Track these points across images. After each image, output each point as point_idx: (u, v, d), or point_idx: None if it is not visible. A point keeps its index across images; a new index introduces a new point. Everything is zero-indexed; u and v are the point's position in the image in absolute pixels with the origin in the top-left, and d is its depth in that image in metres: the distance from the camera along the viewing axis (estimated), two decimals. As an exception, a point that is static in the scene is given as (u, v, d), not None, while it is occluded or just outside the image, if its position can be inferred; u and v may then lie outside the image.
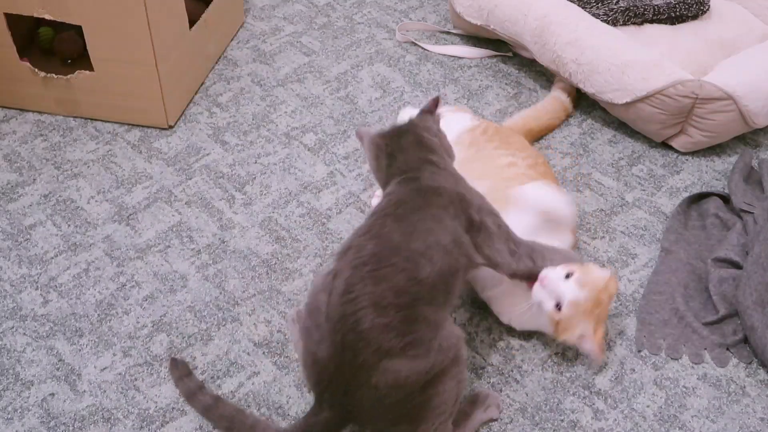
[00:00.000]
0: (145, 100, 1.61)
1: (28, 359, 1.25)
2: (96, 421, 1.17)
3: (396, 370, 0.99)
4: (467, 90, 1.79)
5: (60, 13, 1.50)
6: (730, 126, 1.58)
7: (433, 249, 1.04)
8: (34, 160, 1.58)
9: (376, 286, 1.01)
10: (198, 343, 1.28)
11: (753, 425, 1.19)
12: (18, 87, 1.64)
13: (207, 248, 1.43)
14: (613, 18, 1.76)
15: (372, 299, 1.00)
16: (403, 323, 1.00)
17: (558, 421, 1.19)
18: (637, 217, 1.51)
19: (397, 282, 1.01)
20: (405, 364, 0.99)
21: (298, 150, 1.63)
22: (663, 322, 1.32)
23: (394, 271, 1.02)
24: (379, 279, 1.01)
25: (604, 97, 1.62)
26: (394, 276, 1.02)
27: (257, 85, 1.78)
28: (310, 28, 1.96)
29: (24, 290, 1.35)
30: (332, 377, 1.02)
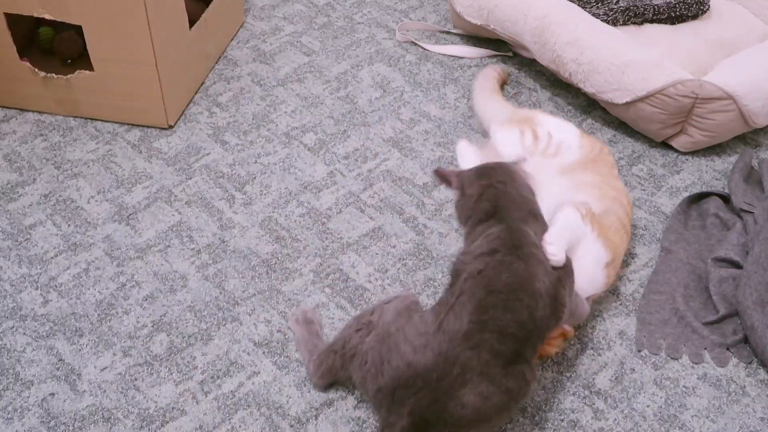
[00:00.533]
0: (145, 100, 1.61)
1: (28, 359, 1.25)
2: (96, 420, 1.17)
3: (488, 396, 1.04)
4: (467, 90, 1.79)
5: (60, 13, 1.50)
6: (730, 126, 1.58)
7: (544, 295, 1.09)
8: (34, 160, 1.58)
9: (504, 314, 1.05)
10: (198, 343, 1.28)
11: (753, 425, 1.19)
12: (18, 87, 1.64)
13: (207, 248, 1.43)
14: (613, 18, 1.76)
15: (499, 326, 1.05)
16: (513, 356, 1.05)
17: (558, 420, 1.19)
18: (637, 216, 1.51)
19: (521, 316, 1.06)
20: (497, 395, 1.04)
21: (298, 150, 1.63)
22: (663, 322, 1.32)
23: (521, 306, 1.06)
24: (508, 309, 1.06)
25: (604, 97, 1.62)
26: (520, 310, 1.06)
27: (257, 85, 1.78)
28: (310, 28, 1.96)
29: (24, 290, 1.35)
30: (427, 384, 1.05)
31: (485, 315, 1.05)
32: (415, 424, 1.06)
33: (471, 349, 1.04)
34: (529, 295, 1.07)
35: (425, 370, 1.05)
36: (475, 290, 1.07)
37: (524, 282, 1.08)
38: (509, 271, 1.08)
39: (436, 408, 1.04)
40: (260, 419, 1.18)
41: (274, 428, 1.17)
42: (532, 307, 1.07)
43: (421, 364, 1.05)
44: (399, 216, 1.49)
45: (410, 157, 1.61)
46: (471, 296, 1.07)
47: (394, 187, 1.55)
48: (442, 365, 1.04)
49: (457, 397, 1.04)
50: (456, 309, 1.07)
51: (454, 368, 1.04)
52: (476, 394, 1.03)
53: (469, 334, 1.04)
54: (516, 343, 1.05)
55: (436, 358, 1.05)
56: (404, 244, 1.44)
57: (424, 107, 1.74)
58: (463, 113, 1.72)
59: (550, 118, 1.48)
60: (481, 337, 1.04)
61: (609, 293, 1.37)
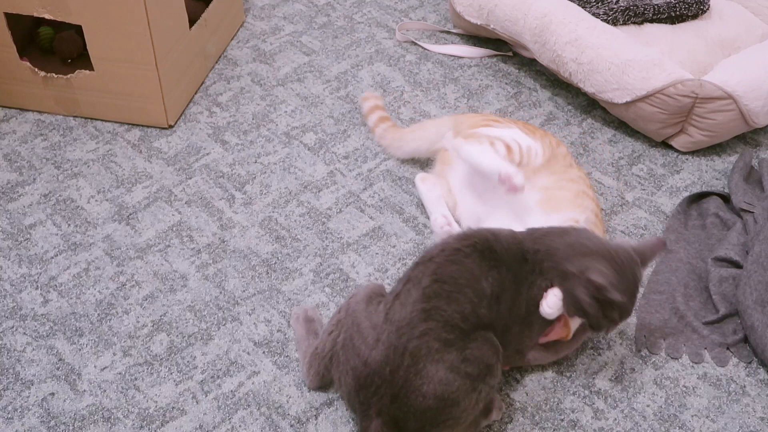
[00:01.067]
0: (145, 100, 1.61)
1: (28, 359, 1.25)
2: (96, 420, 1.17)
3: (447, 382, 1.03)
4: (467, 89, 1.79)
5: (60, 12, 1.50)
6: (730, 125, 1.58)
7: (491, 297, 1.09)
8: (34, 160, 1.58)
9: (449, 305, 1.05)
10: (198, 343, 1.28)
11: (753, 425, 1.19)
12: (18, 86, 1.64)
13: (207, 248, 1.43)
14: (613, 17, 1.76)
15: (443, 316, 1.05)
16: (464, 340, 1.05)
17: (558, 420, 1.19)
18: (637, 216, 1.51)
19: (464, 309, 1.06)
20: (458, 380, 1.03)
21: (298, 149, 1.63)
22: (663, 322, 1.32)
23: (464, 299, 1.06)
24: (452, 300, 1.06)
25: (604, 97, 1.62)
26: (463, 303, 1.06)
27: (257, 85, 1.78)
28: (310, 28, 1.96)
29: (24, 290, 1.35)
30: (384, 381, 1.04)
31: (429, 304, 1.05)
32: (387, 424, 1.05)
33: (418, 337, 1.03)
34: (474, 291, 1.07)
35: (379, 366, 1.04)
36: (422, 277, 1.07)
37: (471, 278, 1.07)
38: (459, 263, 1.08)
39: (399, 404, 1.04)
40: (260, 419, 1.18)
41: (274, 428, 1.17)
42: (476, 304, 1.06)
43: (376, 360, 1.05)
44: (399, 216, 1.49)
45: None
46: (416, 284, 1.07)
47: (394, 186, 1.55)
48: (392, 357, 1.03)
49: (416, 389, 1.03)
50: (402, 297, 1.07)
51: (405, 359, 1.03)
52: (435, 383, 1.02)
53: (412, 323, 1.04)
54: (463, 333, 1.05)
55: (387, 350, 1.04)
56: (404, 243, 1.44)
57: (424, 107, 1.74)
58: (463, 113, 1.72)
59: (494, 127, 1.44)
60: (426, 326, 1.04)
61: (609, 293, 1.37)
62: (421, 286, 1.07)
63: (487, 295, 1.08)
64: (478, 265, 1.09)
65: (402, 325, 1.04)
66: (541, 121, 1.71)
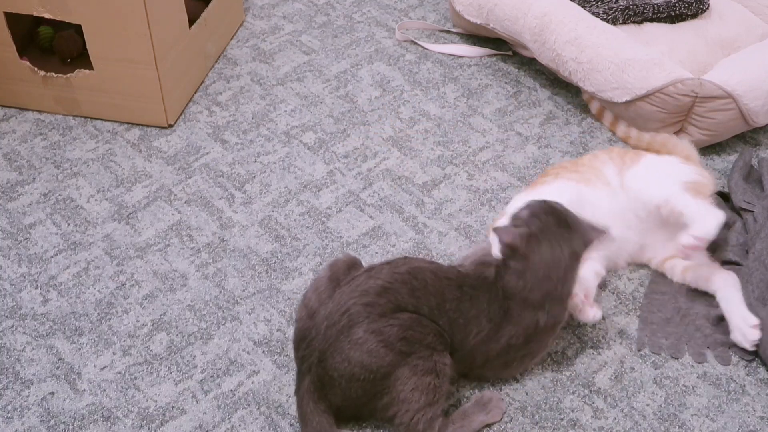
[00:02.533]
0: (145, 99, 1.61)
1: (28, 358, 1.25)
2: (96, 420, 1.17)
3: (378, 355, 1.06)
4: (467, 89, 1.79)
5: (59, 12, 1.50)
6: (730, 125, 1.58)
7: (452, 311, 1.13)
8: (34, 159, 1.58)
9: (409, 296, 1.10)
10: (198, 342, 1.28)
11: (753, 424, 1.19)
12: (18, 86, 1.64)
13: (207, 247, 1.43)
14: (612, 17, 1.76)
15: (398, 300, 1.09)
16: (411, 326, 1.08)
17: (558, 419, 1.19)
18: (637, 215, 1.51)
19: (419, 306, 1.10)
20: (389, 354, 1.06)
21: (297, 149, 1.63)
22: (665, 321, 1.32)
23: (424, 301, 1.11)
24: (413, 295, 1.11)
25: (603, 96, 1.62)
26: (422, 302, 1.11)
27: (257, 84, 1.78)
28: (309, 27, 1.96)
29: (24, 289, 1.35)
30: (318, 335, 1.09)
31: (391, 285, 1.09)
32: (314, 383, 1.10)
33: (363, 304, 1.07)
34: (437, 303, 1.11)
35: (320, 319, 1.09)
36: (400, 265, 1.13)
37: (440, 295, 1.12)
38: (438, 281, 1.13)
39: (325, 364, 1.08)
40: (260, 418, 1.18)
41: (274, 427, 1.17)
42: (432, 309, 1.10)
43: (321, 314, 1.10)
44: (398, 215, 1.49)
45: (410, 156, 1.61)
46: (392, 267, 1.12)
47: (394, 186, 1.55)
48: (333, 313, 1.08)
49: (343, 351, 1.06)
50: (372, 271, 1.12)
51: (342, 318, 1.07)
52: (362, 351, 1.06)
53: (368, 292, 1.08)
54: (414, 316, 1.08)
55: (333, 307, 1.09)
56: (404, 243, 1.44)
57: (423, 106, 1.74)
58: (463, 112, 1.72)
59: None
60: (378, 299, 1.08)
61: (609, 292, 1.37)
62: (393, 270, 1.11)
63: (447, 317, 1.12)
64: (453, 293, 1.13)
65: (356, 290, 1.09)
66: (540, 121, 1.71)
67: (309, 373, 1.10)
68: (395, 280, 1.10)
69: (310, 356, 1.09)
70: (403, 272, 1.11)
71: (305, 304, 1.14)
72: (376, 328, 1.06)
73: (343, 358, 1.06)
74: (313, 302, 1.13)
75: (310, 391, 1.10)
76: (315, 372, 1.09)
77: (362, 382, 1.07)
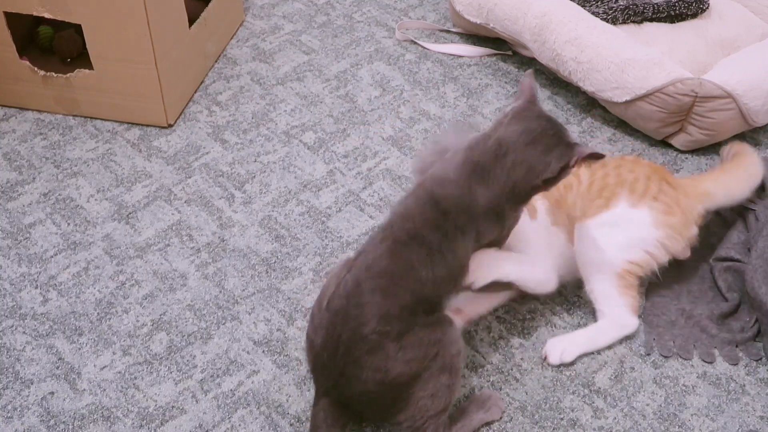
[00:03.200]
0: (145, 99, 1.61)
1: (28, 358, 1.25)
2: (96, 419, 1.17)
3: (386, 369, 1.03)
4: (467, 88, 1.79)
5: (59, 11, 1.50)
6: (730, 124, 1.58)
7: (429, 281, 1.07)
8: (34, 159, 1.58)
9: (385, 299, 1.04)
10: (198, 342, 1.28)
11: (752, 423, 1.19)
12: (17, 86, 1.64)
13: (206, 247, 1.43)
14: (612, 16, 1.76)
15: (379, 311, 1.04)
16: (403, 331, 1.04)
17: (558, 419, 1.19)
18: (637, 215, 1.51)
19: (403, 299, 1.05)
20: (397, 366, 1.04)
21: (297, 148, 1.63)
22: (670, 323, 1.32)
23: (403, 291, 1.05)
24: (388, 294, 1.05)
25: (603, 96, 1.62)
26: (403, 295, 1.05)
27: (257, 84, 1.78)
28: (309, 27, 1.96)
29: (24, 289, 1.35)
30: (325, 365, 1.07)
31: (362, 298, 1.04)
32: (333, 404, 1.09)
33: (352, 330, 1.04)
34: (414, 279, 1.05)
35: (320, 350, 1.07)
36: (358, 272, 1.07)
37: (408, 269, 1.06)
38: (395, 257, 1.06)
39: (341, 388, 1.06)
40: (260, 418, 1.18)
41: (274, 427, 1.17)
42: (417, 290, 1.05)
43: (317, 344, 1.07)
44: (398, 215, 1.49)
45: (410, 156, 1.61)
46: (354, 277, 1.06)
47: (394, 185, 1.55)
48: (329, 344, 1.06)
49: (354, 376, 1.04)
50: (340, 289, 1.07)
51: (339, 348, 1.04)
52: (372, 370, 1.03)
53: (347, 316, 1.04)
54: (403, 321, 1.04)
55: (325, 337, 1.06)
56: (404, 242, 1.44)
57: (423, 106, 1.74)
58: (463, 112, 1.72)
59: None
60: (359, 321, 1.03)
61: (608, 292, 1.37)
62: (357, 280, 1.06)
63: (428, 277, 1.06)
64: (416, 253, 1.06)
65: (336, 316, 1.05)
66: (540, 120, 1.71)
67: (327, 395, 1.08)
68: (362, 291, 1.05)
69: (326, 381, 1.08)
70: (365, 279, 1.05)
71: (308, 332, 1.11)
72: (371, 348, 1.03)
73: (356, 381, 1.04)
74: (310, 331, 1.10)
75: (328, 410, 1.08)
76: (334, 394, 1.07)
77: (379, 395, 1.05)
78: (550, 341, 1.26)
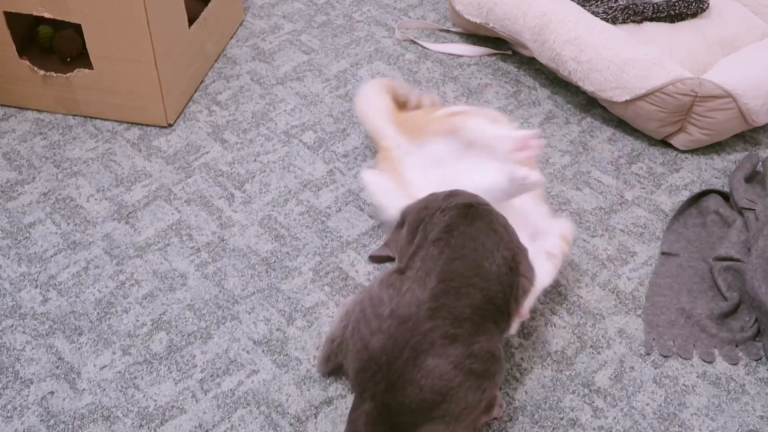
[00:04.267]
0: (145, 99, 1.61)
1: (28, 357, 1.25)
2: (95, 419, 1.17)
3: (449, 378, 1.03)
4: (466, 88, 1.79)
5: (59, 11, 1.50)
6: (730, 124, 1.58)
7: (501, 267, 1.10)
8: (34, 159, 1.58)
9: (458, 301, 1.05)
10: (197, 342, 1.28)
11: (752, 423, 1.19)
12: (17, 85, 1.64)
13: (206, 246, 1.43)
14: (612, 16, 1.76)
15: (452, 312, 1.05)
16: (472, 335, 1.05)
17: (557, 419, 1.19)
18: (637, 215, 1.51)
19: (474, 299, 1.06)
20: (460, 375, 1.03)
21: (297, 148, 1.63)
22: (670, 323, 1.32)
23: (474, 290, 1.07)
24: (461, 295, 1.06)
25: (603, 95, 1.62)
26: (474, 294, 1.06)
27: (257, 84, 1.78)
28: (309, 27, 1.96)
29: (23, 288, 1.35)
30: (381, 369, 1.05)
31: (437, 302, 1.05)
32: (378, 410, 1.06)
33: (422, 334, 1.03)
34: (482, 278, 1.08)
35: (377, 353, 1.05)
36: (426, 279, 1.07)
37: (476, 266, 1.08)
38: (461, 258, 1.08)
39: (395, 393, 1.04)
40: (260, 417, 1.18)
41: (274, 426, 1.17)
42: (486, 288, 1.07)
43: (375, 347, 1.06)
44: (398, 214, 1.49)
45: (410, 156, 1.61)
46: (421, 285, 1.07)
47: (394, 185, 1.55)
48: (390, 348, 1.04)
49: (414, 381, 1.03)
50: (407, 296, 1.06)
51: (404, 352, 1.03)
52: (435, 377, 1.02)
53: (419, 321, 1.04)
54: (473, 325, 1.05)
55: (386, 341, 1.05)
56: (404, 242, 1.44)
57: (423, 106, 1.74)
58: (463, 112, 1.72)
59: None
60: (433, 323, 1.04)
61: (609, 292, 1.37)
62: (427, 288, 1.06)
63: (494, 271, 1.09)
64: (480, 249, 1.10)
65: (406, 321, 1.04)
66: (540, 120, 1.71)
67: (373, 400, 1.06)
68: (436, 295, 1.06)
69: (375, 386, 1.06)
70: (436, 284, 1.06)
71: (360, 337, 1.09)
72: (442, 352, 1.03)
73: (414, 386, 1.03)
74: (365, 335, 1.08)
75: (371, 414, 1.07)
76: (381, 399, 1.05)
77: (431, 404, 1.04)
78: None
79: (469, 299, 1.06)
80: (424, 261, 1.10)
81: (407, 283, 1.08)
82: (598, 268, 1.41)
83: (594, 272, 1.40)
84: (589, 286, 1.38)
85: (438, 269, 1.08)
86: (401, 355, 1.03)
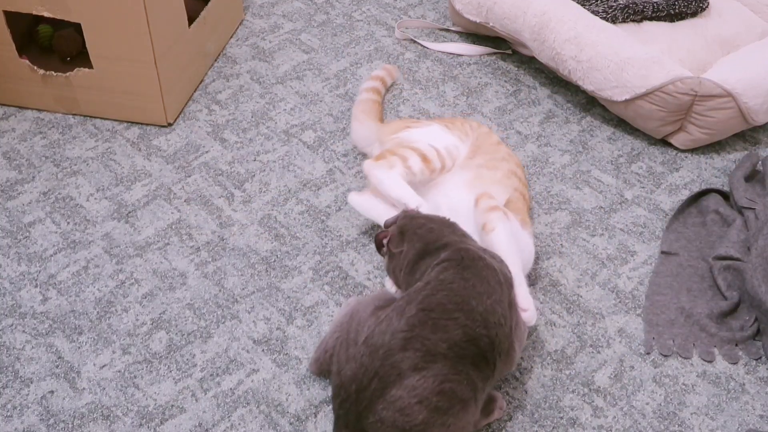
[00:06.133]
0: (144, 98, 1.61)
1: (28, 357, 1.25)
2: (95, 418, 1.18)
3: (412, 414, 1.00)
4: (466, 87, 1.79)
5: (59, 10, 1.50)
6: (730, 123, 1.58)
7: (490, 313, 1.05)
8: (34, 158, 1.58)
9: (434, 333, 1.02)
10: (197, 341, 1.28)
11: (752, 422, 1.19)
12: (17, 85, 1.64)
13: (206, 246, 1.43)
14: (612, 15, 1.76)
15: (427, 345, 1.01)
16: (445, 373, 1.01)
17: (557, 418, 1.19)
18: (637, 214, 1.51)
19: (452, 335, 1.02)
20: (422, 411, 1.00)
21: (297, 147, 1.63)
22: (670, 322, 1.32)
23: (454, 325, 1.03)
24: (438, 328, 1.02)
25: (603, 95, 1.62)
26: (453, 329, 1.03)
27: (256, 83, 1.78)
28: (309, 26, 1.96)
29: (23, 288, 1.35)
30: (349, 397, 1.04)
31: (411, 332, 1.02)
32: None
33: (391, 364, 1.01)
34: (466, 315, 1.03)
35: (348, 381, 1.04)
36: (406, 308, 1.04)
37: (461, 301, 1.04)
38: (447, 290, 1.05)
39: (362, 424, 1.02)
40: (259, 417, 1.18)
41: (274, 426, 1.17)
42: (468, 327, 1.03)
43: (346, 375, 1.04)
44: (398, 214, 1.49)
45: (409, 155, 1.61)
46: (400, 313, 1.04)
47: (394, 184, 1.55)
48: (360, 377, 1.02)
49: (377, 413, 1.01)
50: (383, 324, 1.04)
51: (373, 382, 1.01)
52: (396, 410, 1.00)
53: (391, 350, 1.01)
54: (447, 362, 1.01)
55: (357, 369, 1.03)
56: (403, 241, 1.44)
57: (423, 105, 1.74)
58: (462, 111, 1.72)
59: (414, 128, 1.45)
60: (404, 354, 1.01)
61: (609, 291, 1.37)
62: (405, 316, 1.03)
63: (480, 312, 1.04)
64: (470, 288, 1.06)
65: (378, 350, 1.02)
66: (540, 119, 1.71)
67: (347, 428, 1.05)
68: (412, 325, 1.02)
69: (346, 415, 1.04)
70: (415, 312, 1.03)
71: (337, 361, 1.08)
72: (408, 384, 1.00)
73: (376, 420, 1.01)
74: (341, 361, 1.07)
75: None
76: (354, 428, 1.04)
77: None
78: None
79: (446, 334, 1.02)
80: (409, 292, 1.07)
81: (387, 310, 1.06)
82: (597, 268, 1.41)
83: (594, 271, 1.40)
84: (588, 285, 1.38)
85: (419, 298, 1.05)
86: (369, 385, 1.01)
